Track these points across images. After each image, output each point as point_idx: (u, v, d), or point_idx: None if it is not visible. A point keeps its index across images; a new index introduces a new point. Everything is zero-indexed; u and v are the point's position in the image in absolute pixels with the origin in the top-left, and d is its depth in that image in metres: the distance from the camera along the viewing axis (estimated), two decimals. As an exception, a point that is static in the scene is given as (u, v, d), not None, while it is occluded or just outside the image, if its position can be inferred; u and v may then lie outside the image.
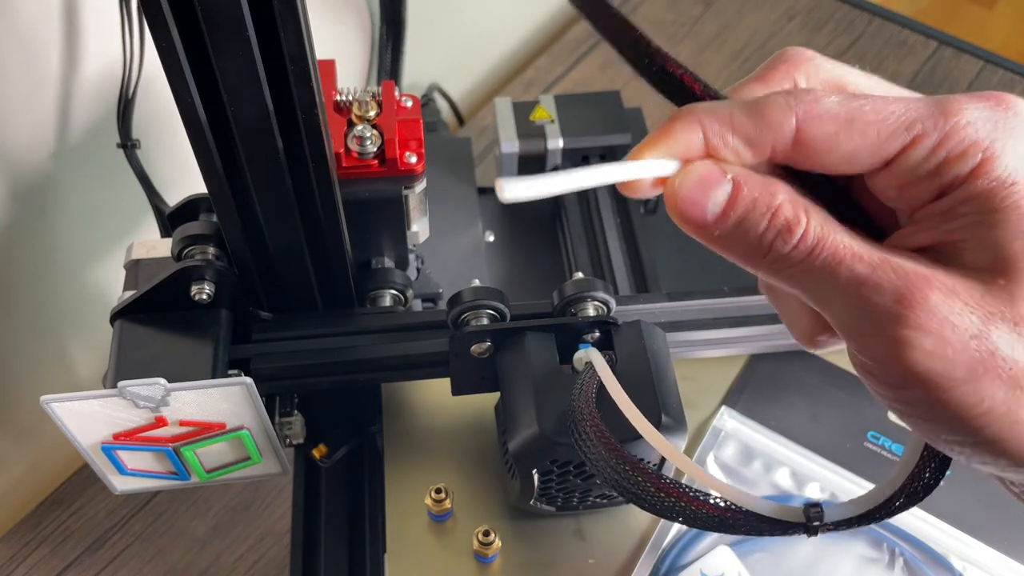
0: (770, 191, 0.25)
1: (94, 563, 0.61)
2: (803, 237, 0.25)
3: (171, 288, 0.42)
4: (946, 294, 0.23)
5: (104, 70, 0.54)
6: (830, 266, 0.25)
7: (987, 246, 0.24)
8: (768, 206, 0.25)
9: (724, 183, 0.25)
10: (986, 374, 0.23)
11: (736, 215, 0.25)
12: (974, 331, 0.23)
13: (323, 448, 0.52)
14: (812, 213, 0.25)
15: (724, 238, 0.26)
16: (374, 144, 0.44)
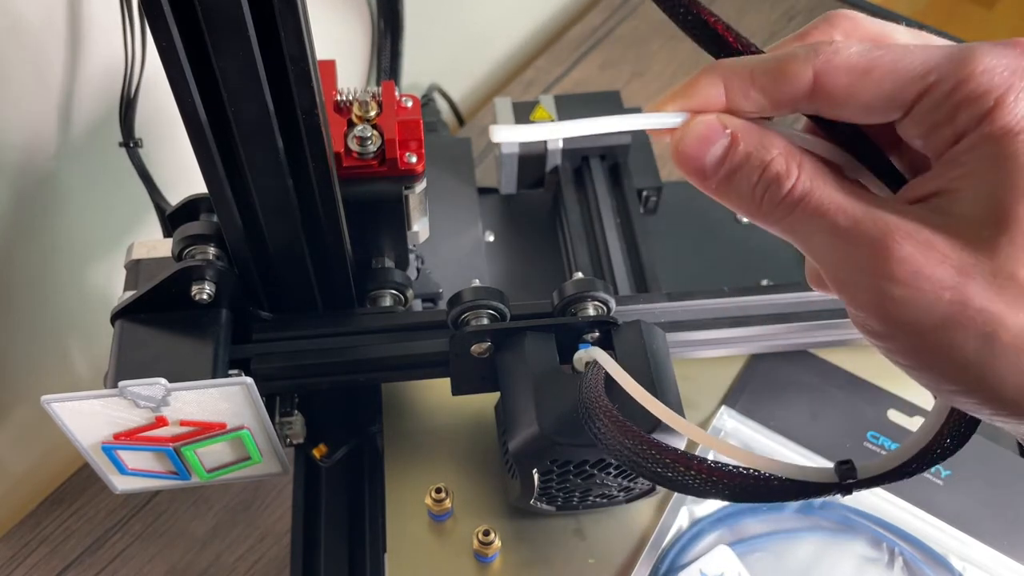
0: (765, 144, 0.27)
1: (94, 563, 0.61)
2: (791, 190, 0.26)
3: (171, 288, 0.42)
4: (923, 246, 0.24)
5: (107, 68, 0.54)
6: (816, 218, 0.26)
7: (979, 196, 0.24)
8: (761, 160, 0.27)
9: (722, 138, 0.27)
10: (958, 325, 0.24)
11: (730, 166, 0.27)
12: (948, 283, 0.24)
13: (323, 448, 0.52)
14: (804, 168, 0.26)
15: (721, 188, 0.28)
16: (374, 144, 0.44)
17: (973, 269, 0.24)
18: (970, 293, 0.24)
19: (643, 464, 0.32)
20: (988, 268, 0.24)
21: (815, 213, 0.26)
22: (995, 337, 0.23)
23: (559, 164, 0.65)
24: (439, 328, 0.45)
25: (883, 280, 0.24)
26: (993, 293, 0.23)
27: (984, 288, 0.23)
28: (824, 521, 0.47)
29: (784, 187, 0.26)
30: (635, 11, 0.93)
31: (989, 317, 0.23)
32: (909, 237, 0.24)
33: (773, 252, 0.67)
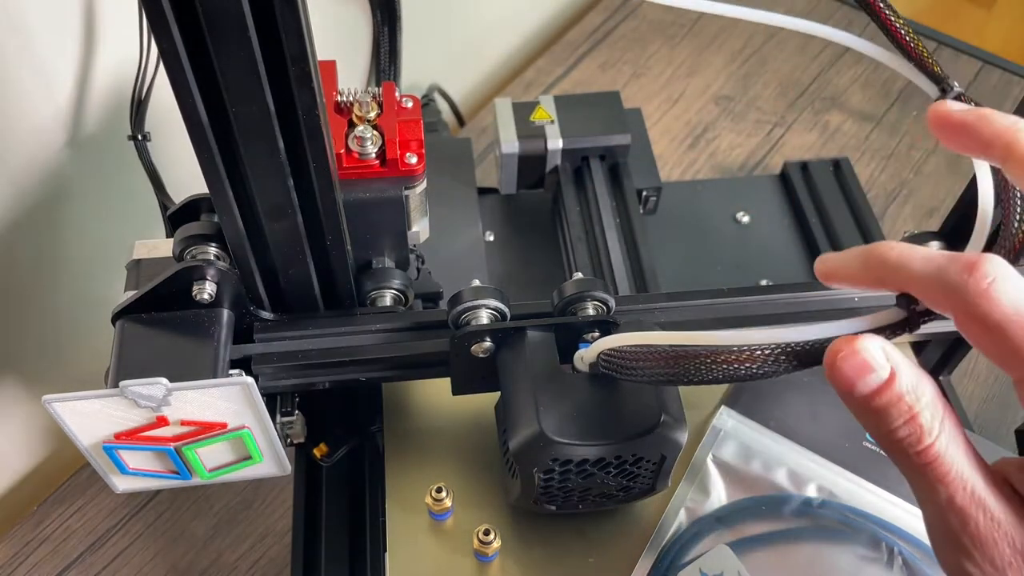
0: (917, 392, 0.28)
1: (95, 562, 0.61)
2: (927, 449, 0.28)
3: (172, 288, 0.42)
4: (1013, 552, 0.26)
5: (117, 65, 0.54)
6: (938, 483, 0.28)
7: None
8: (910, 408, 0.28)
9: (880, 371, 0.28)
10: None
11: (880, 403, 0.28)
12: (1008, 558, 0.26)
13: (324, 447, 0.52)
14: (945, 427, 0.28)
15: (863, 414, 0.29)
16: (375, 145, 0.44)
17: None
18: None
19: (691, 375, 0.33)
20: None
21: (940, 480, 0.28)
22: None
23: (559, 164, 0.65)
24: (439, 328, 0.45)
25: (969, 565, 0.27)
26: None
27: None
28: (824, 521, 0.47)
29: (923, 443, 0.28)
30: (635, 11, 0.93)
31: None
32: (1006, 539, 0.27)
33: (773, 252, 0.68)
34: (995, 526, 0.27)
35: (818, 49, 0.90)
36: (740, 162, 0.81)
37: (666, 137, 0.83)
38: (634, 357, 0.36)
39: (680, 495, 0.48)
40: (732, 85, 0.87)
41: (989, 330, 0.27)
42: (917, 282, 0.29)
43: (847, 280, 0.32)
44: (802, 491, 0.48)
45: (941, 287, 0.28)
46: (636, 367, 0.36)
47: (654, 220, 0.69)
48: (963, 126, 0.32)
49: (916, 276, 0.29)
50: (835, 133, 0.84)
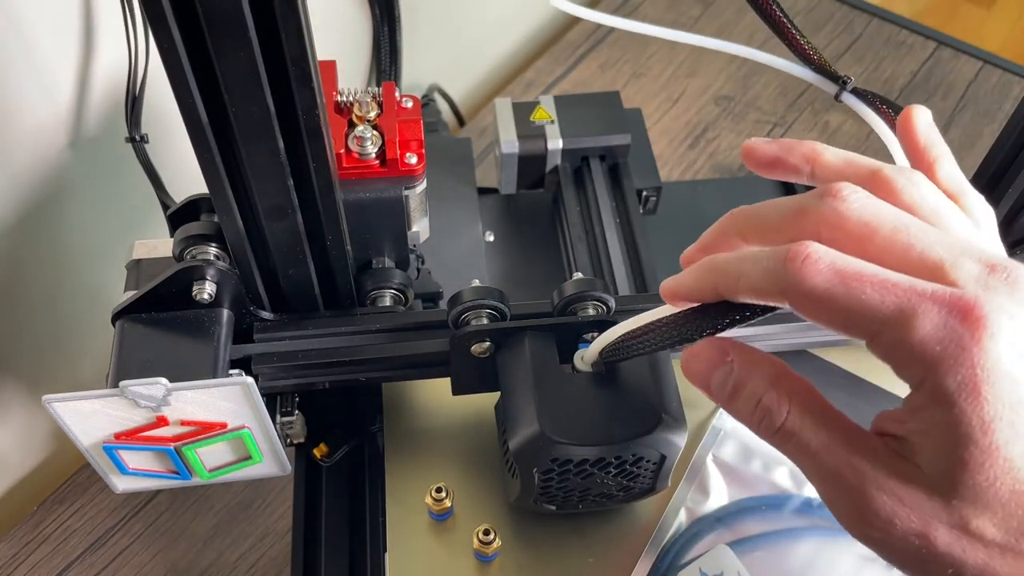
0: (758, 377, 0.30)
1: (96, 562, 0.61)
2: (781, 426, 0.30)
3: (172, 288, 0.42)
4: (892, 499, 0.27)
5: (116, 64, 0.54)
6: (803, 456, 0.29)
7: (931, 458, 0.27)
8: (754, 393, 0.30)
9: (724, 365, 0.31)
10: (929, 564, 0.28)
11: (729, 392, 0.31)
12: (916, 530, 0.27)
13: (324, 447, 0.52)
14: (794, 404, 0.29)
15: (726, 407, 0.31)
16: (375, 145, 0.44)
17: (934, 520, 0.27)
18: (934, 541, 0.27)
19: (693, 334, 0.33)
20: (946, 520, 0.27)
21: (803, 452, 0.29)
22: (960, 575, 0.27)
23: (559, 164, 0.65)
24: (439, 328, 0.45)
25: (861, 523, 0.28)
26: (952, 540, 0.27)
27: (945, 536, 0.27)
28: (824, 520, 0.47)
29: (776, 421, 0.30)
30: (635, 11, 0.93)
31: (952, 560, 0.27)
32: (881, 489, 0.28)
33: (773, 252, 0.67)
34: (869, 481, 0.28)
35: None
36: (740, 162, 0.81)
37: (666, 137, 0.83)
38: (641, 331, 0.36)
39: (680, 495, 0.48)
40: (732, 85, 0.87)
41: (818, 303, 0.27)
42: (749, 285, 0.29)
43: (687, 297, 0.33)
44: (802, 491, 0.48)
45: (771, 281, 0.28)
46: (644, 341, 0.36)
47: (654, 220, 0.69)
48: (775, 157, 0.35)
49: (747, 278, 0.29)
50: (835, 133, 0.84)
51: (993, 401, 0.26)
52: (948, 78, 0.87)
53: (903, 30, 0.91)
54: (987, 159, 0.53)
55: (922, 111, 0.35)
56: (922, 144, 0.34)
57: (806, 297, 0.28)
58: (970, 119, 0.84)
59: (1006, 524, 0.27)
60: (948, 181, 0.33)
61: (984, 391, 0.26)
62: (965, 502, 0.27)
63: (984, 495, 0.26)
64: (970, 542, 0.27)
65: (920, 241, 0.28)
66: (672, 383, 0.42)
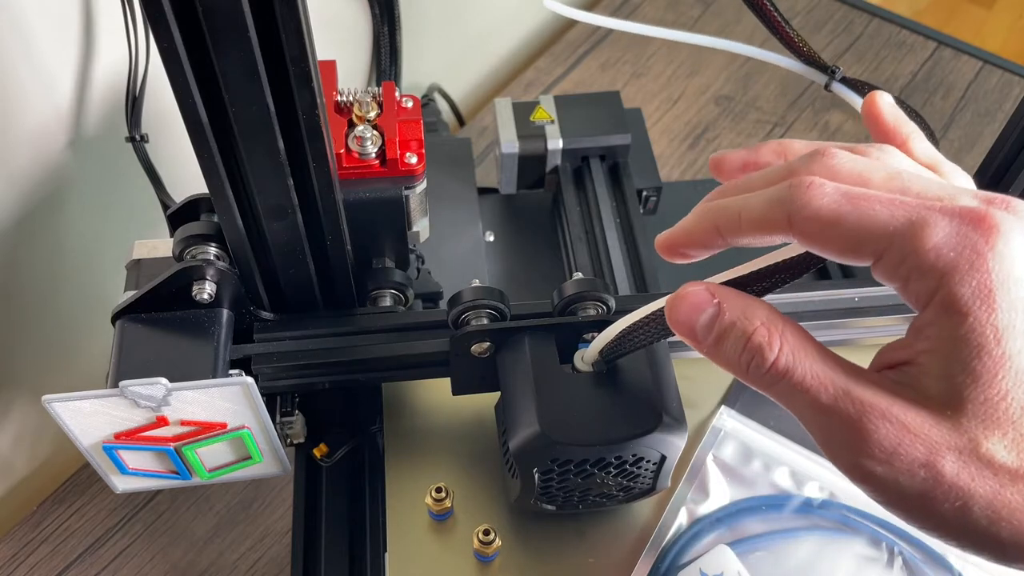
0: (748, 315, 0.29)
1: (95, 562, 0.61)
2: (774, 363, 0.28)
3: (172, 288, 0.42)
4: (896, 427, 0.26)
5: (116, 64, 0.54)
6: (798, 392, 0.28)
7: (940, 375, 0.26)
8: (744, 331, 0.29)
9: (710, 307, 0.30)
10: (934, 498, 0.26)
11: (717, 333, 0.29)
12: (921, 460, 0.26)
13: (324, 447, 0.52)
14: (787, 340, 0.28)
15: (712, 352, 0.30)
16: (375, 145, 0.44)
17: (942, 446, 0.26)
18: (941, 470, 0.26)
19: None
20: (954, 444, 0.25)
21: (798, 387, 0.28)
22: (967, 508, 0.26)
23: (559, 164, 0.65)
24: (439, 328, 0.45)
25: (863, 457, 0.26)
26: (961, 468, 0.25)
27: (952, 463, 0.26)
28: (824, 520, 0.47)
29: (767, 359, 0.28)
30: (635, 11, 0.93)
31: (960, 491, 0.26)
32: (883, 417, 0.26)
33: (773, 252, 0.67)
34: (871, 410, 0.26)
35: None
36: (740, 162, 0.81)
37: (666, 137, 0.83)
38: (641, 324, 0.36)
39: (680, 495, 0.48)
40: (732, 85, 0.87)
41: (825, 224, 0.27)
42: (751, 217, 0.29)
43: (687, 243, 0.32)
44: (802, 491, 0.48)
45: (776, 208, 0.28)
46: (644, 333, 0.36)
47: (654, 220, 0.69)
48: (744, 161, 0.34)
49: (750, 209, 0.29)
50: (835, 133, 0.84)
51: (1007, 308, 0.25)
52: (948, 78, 0.87)
53: (903, 30, 0.91)
54: (987, 159, 0.53)
55: (883, 95, 0.34)
56: (891, 125, 0.33)
57: (813, 219, 0.27)
58: (970, 119, 0.84)
59: (1018, 446, 0.25)
60: (924, 155, 0.32)
61: (998, 297, 0.25)
62: (975, 421, 0.25)
63: (995, 411, 0.25)
64: (979, 469, 0.25)
65: (915, 183, 0.28)
66: (672, 383, 0.42)
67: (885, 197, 0.27)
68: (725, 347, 0.29)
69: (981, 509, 0.26)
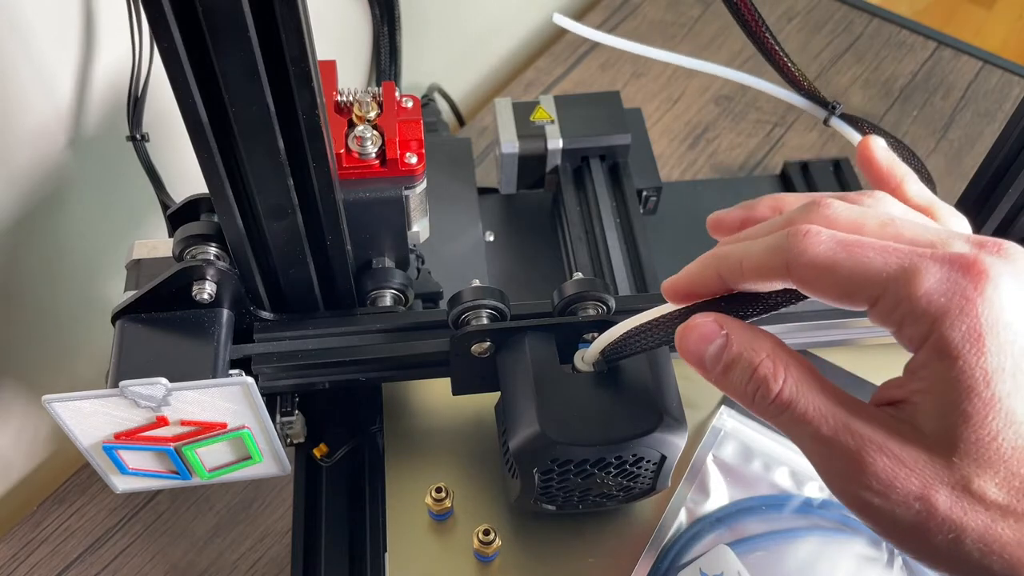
0: (755, 348, 0.30)
1: (95, 562, 0.61)
2: (778, 394, 0.29)
3: (172, 287, 0.42)
4: (893, 461, 0.27)
5: (117, 64, 0.54)
6: (801, 423, 0.29)
7: (934, 414, 0.27)
8: (750, 363, 0.30)
9: (718, 338, 0.31)
10: (928, 530, 0.27)
11: (725, 363, 0.30)
12: (916, 494, 0.27)
13: (324, 447, 0.52)
14: (791, 372, 0.29)
15: (720, 382, 0.31)
16: (375, 145, 0.44)
17: (936, 481, 0.27)
18: (935, 503, 0.27)
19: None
20: (947, 480, 0.26)
21: (799, 419, 0.29)
22: (960, 540, 0.27)
23: (559, 164, 0.65)
24: (439, 328, 0.45)
25: (861, 488, 0.28)
26: (953, 502, 0.26)
27: (946, 498, 0.27)
28: (824, 520, 0.47)
29: (772, 390, 0.29)
30: (635, 11, 0.93)
31: (952, 524, 0.27)
32: (880, 451, 0.27)
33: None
34: (868, 443, 0.27)
35: (819, 49, 0.90)
36: (740, 162, 0.81)
37: (666, 137, 0.83)
38: (642, 329, 0.37)
39: (680, 495, 0.48)
40: (732, 85, 0.87)
41: (821, 271, 0.28)
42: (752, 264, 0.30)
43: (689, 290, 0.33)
44: (802, 491, 0.48)
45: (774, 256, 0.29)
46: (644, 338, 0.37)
47: (654, 220, 0.69)
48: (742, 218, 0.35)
49: (751, 257, 0.30)
50: (835, 133, 0.83)
51: (996, 352, 0.26)
52: (948, 78, 0.87)
53: (903, 30, 0.91)
54: (987, 159, 0.53)
55: (876, 140, 0.35)
56: (885, 169, 0.34)
57: (810, 266, 0.28)
58: (970, 119, 0.84)
59: (1008, 484, 0.26)
60: (918, 198, 0.34)
61: (987, 341, 0.26)
62: (967, 460, 0.26)
63: (986, 451, 0.26)
64: (971, 503, 0.26)
65: (908, 229, 0.29)
66: (672, 383, 0.42)
67: (879, 244, 0.28)
68: (732, 377, 0.30)
69: (973, 542, 0.27)
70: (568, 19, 0.52)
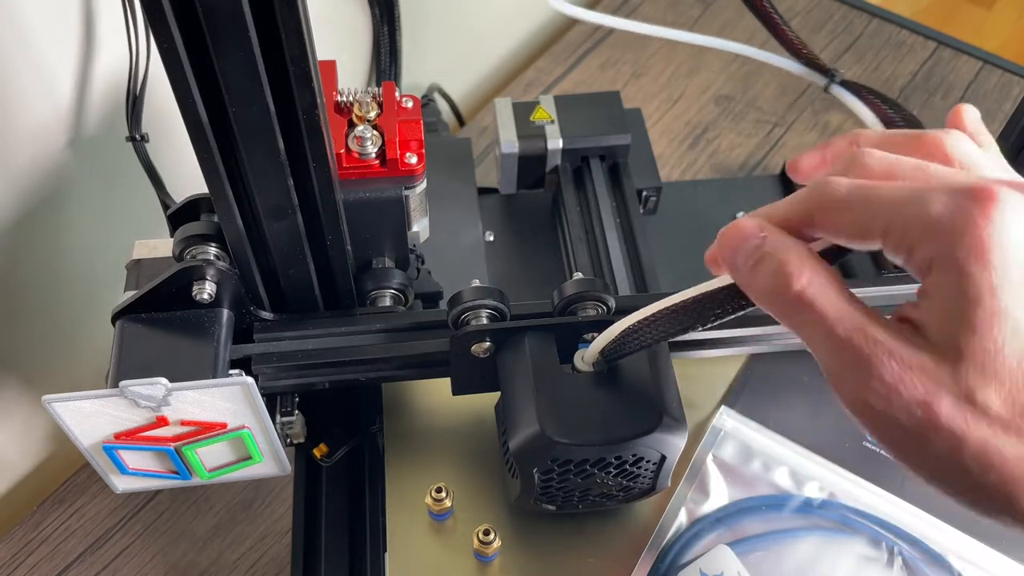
0: (786, 247, 0.31)
1: (95, 562, 0.61)
2: (800, 291, 0.29)
3: (172, 287, 0.42)
4: (900, 365, 0.27)
5: (116, 64, 0.54)
6: (817, 322, 0.29)
7: (940, 325, 0.27)
8: (779, 259, 0.30)
9: (756, 238, 0.31)
10: (927, 439, 0.27)
11: (755, 259, 0.31)
12: (919, 399, 0.27)
13: (324, 447, 0.52)
14: (817, 273, 0.30)
15: (747, 278, 0.32)
16: (375, 145, 0.44)
17: (940, 388, 0.27)
18: (937, 410, 0.27)
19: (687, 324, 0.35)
20: (952, 389, 0.27)
21: (817, 318, 0.29)
22: (959, 451, 0.27)
23: (559, 164, 0.65)
24: (439, 328, 0.45)
25: (865, 391, 0.28)
26: (956, 412, 0.26)
27: (949, 406, 0.27)
28: (823, 520, 0.48)
29: (794, 286, 0.30)
30: (635, 11, 0.93)
31: (953, 434, 0.27)
32: (890, 355, 0.27)
33: (773, 252, 0.67)
34: (880, 347, 0.28)
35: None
36: (740, 162, 0.81)
37: (666, 137, 0.83)
38: (641, 325, 0.37)
39: (680, 495, 0.48)
40: (732, 85, 0.87)
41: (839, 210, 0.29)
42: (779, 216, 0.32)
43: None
44: (802, 491, 0.48)
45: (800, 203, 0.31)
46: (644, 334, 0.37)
47: (654, 220, 0.69)
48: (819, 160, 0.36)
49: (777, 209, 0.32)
50: (835, 133, 0.84)
51: (1002, 266, 0.26)
52: (948, 78, 0.87)
53: (903, 30, 0.91)
54: (987, 159, 0.53)
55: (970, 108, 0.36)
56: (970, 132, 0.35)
57: (829, 210, 0.30)
58: (970, 119, 0.84)
59: (1012, 398, 0.26)
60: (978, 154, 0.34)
61: (992, 256, 0.26)
62: (972, 369, 0.26)
63: (992, 362, 0.26)
64: (973, 414, 0.26)
65: (939, 172, 0.30)
66: (672, 383, 0.42)
67: (894, 184, 0.29)
68: (759, 271, 0.31)
69: (972, 454, 0.26)
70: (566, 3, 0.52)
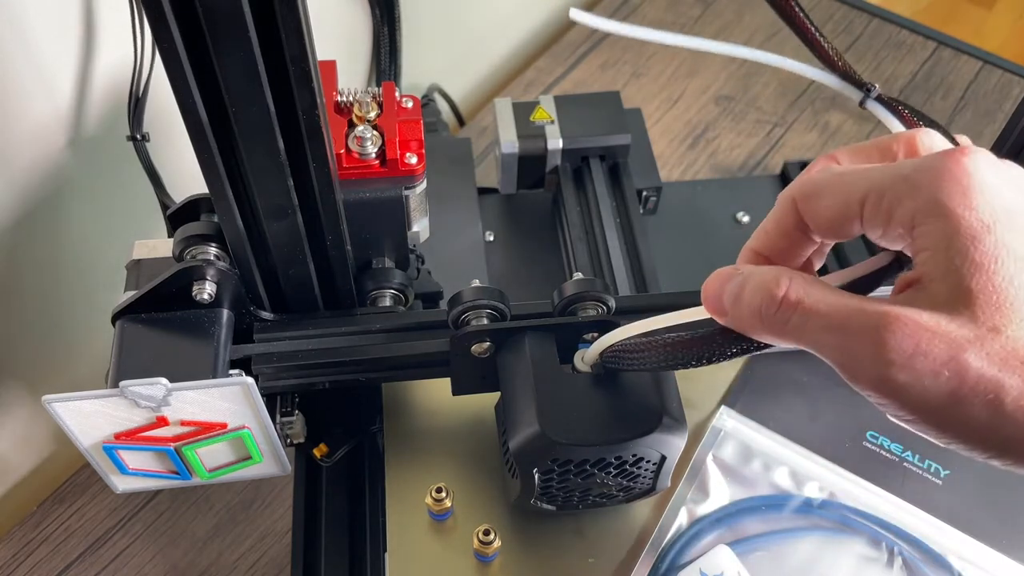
0: (762, 268, 0.30)
1: (95, 562, 0.61)
2: (785, 297, 0.29)
3: (172, 288, 0.42)
4: (913, 327, 0.25)
5: (119, 65, 0.54)
6: (812, 318, 0.28)
7: (943, 274, 0.26)
8: (759, 280, 0.30)
9: (737, 276, 0.31)
10: (963, 399, 0.25)
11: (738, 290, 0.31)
12: (944, 358, 0.25)
13: (324, 447, 0.52)
14: (795, 280, 0.29)
15: (734, 310, 0.31)
16: (375, 145, 0.44)
17: (963, 341, 0.25)
18: (966, 364, 0.25)
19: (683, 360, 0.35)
20: (975, 337, 0.25)
21: (811, 315, 0.28)
22: (999, 402, 0.24)
23: (559, 164, 0.65)
24: (439, 328, 0.45)
25: (884, 367, 0.26)
26: (985, 360, 0.25)
27: (976, 356, 0.25)
28: (823, 520, 0.47)
29: (778, 294, 0.29)
30: (635, 11, 0.93)
31: (988, 384, 0.24)
32: (899, 320, 0.26)
33: (773, 252, 0.67)
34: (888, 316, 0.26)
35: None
36: (740, 162, 0.81)
37: (666, 137, 0.83)
38: (637, 348, 0.37)
39: (680, 495, 0.48)
40: (732, 85, 0.87)
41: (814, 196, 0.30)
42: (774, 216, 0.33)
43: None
44: (802, 491, 0.48)
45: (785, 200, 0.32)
46: (639, 358, 0.37)
47: (654, 220, 0.69)
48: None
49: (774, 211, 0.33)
50: (835, 133, 0.84)
51: (986, 205, 0.26)
52: (948, 78, 0.87)
53: (903, 30, 0.91)
54: (987, 159, 0.53)
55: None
56: None
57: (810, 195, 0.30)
58: (970, 119, 0.84)
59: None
60: None
61: (975, 195, 0.26)
62: (990, 308, 0.25)
63: (1007, 295, 0.25)
64: (1005, 357, 0.24)
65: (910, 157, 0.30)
66: (672, 384, 0.42)
67: (868, 165, 0.29)
68: (744, 299, 0.30)
69: (1014, 401, 0.24)
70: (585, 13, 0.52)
